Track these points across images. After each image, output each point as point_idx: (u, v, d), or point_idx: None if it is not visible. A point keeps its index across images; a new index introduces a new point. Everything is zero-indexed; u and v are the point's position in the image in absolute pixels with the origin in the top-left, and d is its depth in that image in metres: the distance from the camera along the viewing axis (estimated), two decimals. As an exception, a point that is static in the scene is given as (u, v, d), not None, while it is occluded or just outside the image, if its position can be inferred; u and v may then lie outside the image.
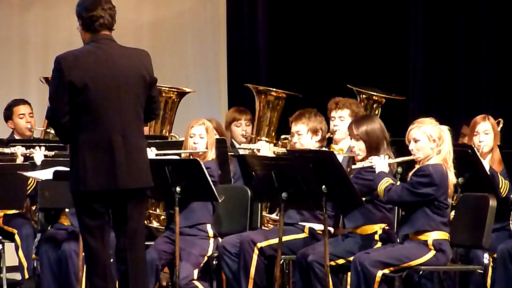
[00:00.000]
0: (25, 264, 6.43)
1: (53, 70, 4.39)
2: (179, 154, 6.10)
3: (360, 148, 5.41)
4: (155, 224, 6.70)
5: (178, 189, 5.52)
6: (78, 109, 4.30)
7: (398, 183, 5.35)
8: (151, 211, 6.66)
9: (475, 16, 8.81)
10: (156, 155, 5.91)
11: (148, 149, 4.89)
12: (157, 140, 6.61)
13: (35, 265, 6.38)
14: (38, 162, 6.15)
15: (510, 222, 5.91)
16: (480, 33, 8.74)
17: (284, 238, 5.60)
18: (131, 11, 7.95)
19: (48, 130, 7.20)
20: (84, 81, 4.26)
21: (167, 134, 7.62)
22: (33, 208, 6.60)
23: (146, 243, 4.87)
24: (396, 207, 5.65)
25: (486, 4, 8.61)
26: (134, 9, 8.46)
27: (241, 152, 6.77)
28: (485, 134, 6.07)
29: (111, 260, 4.48)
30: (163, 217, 6.58)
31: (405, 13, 9.00)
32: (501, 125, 6.55)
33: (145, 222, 6.06)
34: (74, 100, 4.30)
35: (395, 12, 9.04)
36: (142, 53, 4.50)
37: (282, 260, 5.74)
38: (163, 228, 6.29)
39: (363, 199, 5.36)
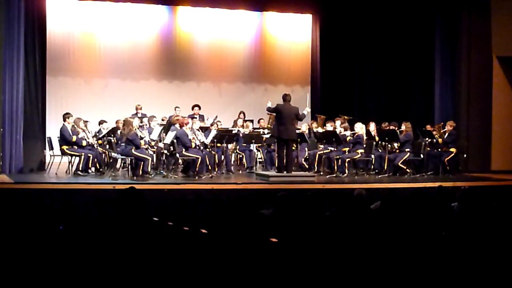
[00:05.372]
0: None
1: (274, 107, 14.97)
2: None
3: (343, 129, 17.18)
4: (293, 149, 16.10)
5: (299, 139, 16.86)
6: (278, 117, 15.00)
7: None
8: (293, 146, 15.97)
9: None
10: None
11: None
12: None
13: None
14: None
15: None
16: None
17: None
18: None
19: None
20: (280, 111, 14.65)
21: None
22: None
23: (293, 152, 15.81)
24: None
25: None
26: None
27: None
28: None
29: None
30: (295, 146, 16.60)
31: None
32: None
33: (292, 148, 15.35)
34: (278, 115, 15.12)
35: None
36: (295, 107, 14.78)
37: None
38: (295, 149, 16.69)
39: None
